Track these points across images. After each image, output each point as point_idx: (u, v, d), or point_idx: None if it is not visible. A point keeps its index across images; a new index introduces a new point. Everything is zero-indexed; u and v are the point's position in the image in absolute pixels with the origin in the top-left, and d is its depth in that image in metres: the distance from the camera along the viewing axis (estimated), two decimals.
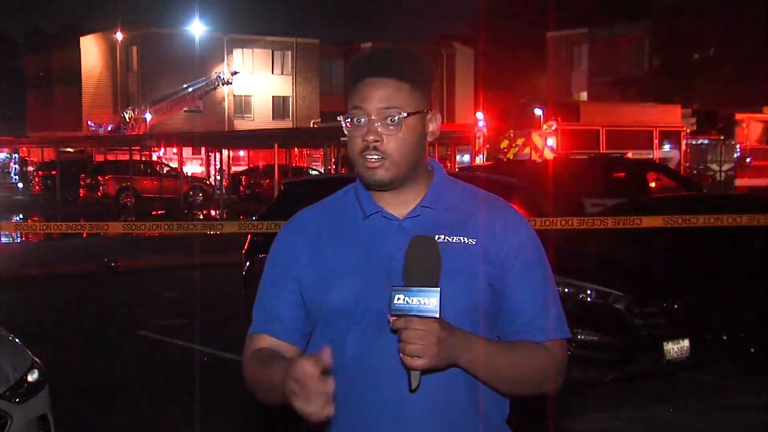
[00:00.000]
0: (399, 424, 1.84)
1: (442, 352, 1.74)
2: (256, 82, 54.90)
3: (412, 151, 1.90)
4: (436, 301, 1.71)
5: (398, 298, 1.72)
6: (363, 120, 1.88)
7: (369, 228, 1.94)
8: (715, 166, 27.33)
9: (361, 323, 1.87)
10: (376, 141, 1.87)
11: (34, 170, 41.32)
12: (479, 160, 21.84)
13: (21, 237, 18.38)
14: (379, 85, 1.88)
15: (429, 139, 1.95)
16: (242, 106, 55.35)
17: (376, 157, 1.87)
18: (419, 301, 1.71)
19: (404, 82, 1.89)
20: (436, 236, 1.84)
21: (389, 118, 1.87)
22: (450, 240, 1.88)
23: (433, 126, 1.96)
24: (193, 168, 42.90)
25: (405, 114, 1.88)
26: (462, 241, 1.90)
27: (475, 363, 1.82)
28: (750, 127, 27.20)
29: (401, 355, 1.73)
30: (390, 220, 1.93)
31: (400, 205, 1.94)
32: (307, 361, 1.66)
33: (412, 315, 1.71)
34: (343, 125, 1.92)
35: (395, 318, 1.73)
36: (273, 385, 1.80)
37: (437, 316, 1.72)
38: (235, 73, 50.61)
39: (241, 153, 45.55)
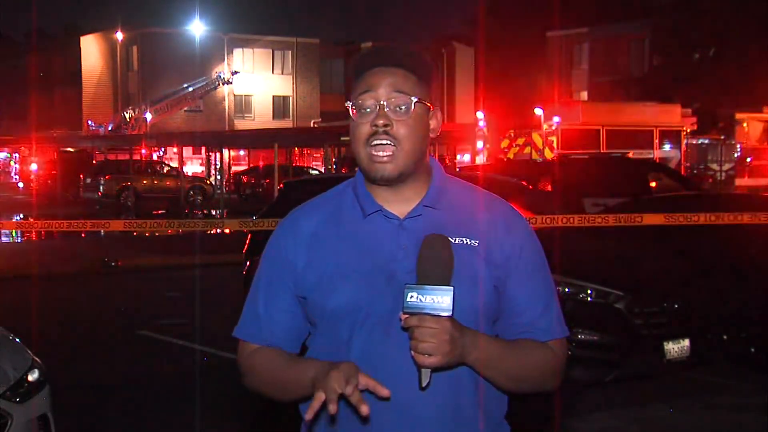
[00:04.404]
0: (406, 425, 1.84)
1: (454, 351, 1.74)
2: (256, 81, 54.91)
3: (419, 142, 1.89)
4: (450, 299, 1.71)
5: (411, 296, 1.71)
6: (369, 108, 1.87)
7: (369, 227, 1.92)
8: (715, 166, 27.35)
9: (366, 325, 1.86)
10: (386, 125, 1.85)
11: (34, 170, 41.31)
12: (479, 159, 21.86)
13: (21, 236, 18.37)
14: (388, 73, 1.89)
15: (432, 135, 1.95)
16: (242, 105, 55.37)
17: (386, 142, 1.85)
18: (432, 299, 1.71)
19: (411, 73, 1.90)
20: None
21: (399, 106, 1.87)
22: (453, 241, 1.86)
23: (434, 123, 1.95)
24: (193, 168, 42.91)
25: (415, 99, 1.88)
26: (465, 242, 1.89)
27: (483, 362, 1.82)
28: (750, 126, 27.21)
29: (412, 352, 1.73)
30: (390, 219, 1.91)
31: (400, 203, 1.92)
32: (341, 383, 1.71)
33: (424, 313, 1.71)
34: (350, 111, 1.90)
35: (407, 316, 1.72)
36: (298, 384, 1.83)
37: (450, 314, 1.71)
38: (236, 72, 50.60)
39: (242, 153, 45.56)
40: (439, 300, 1.71)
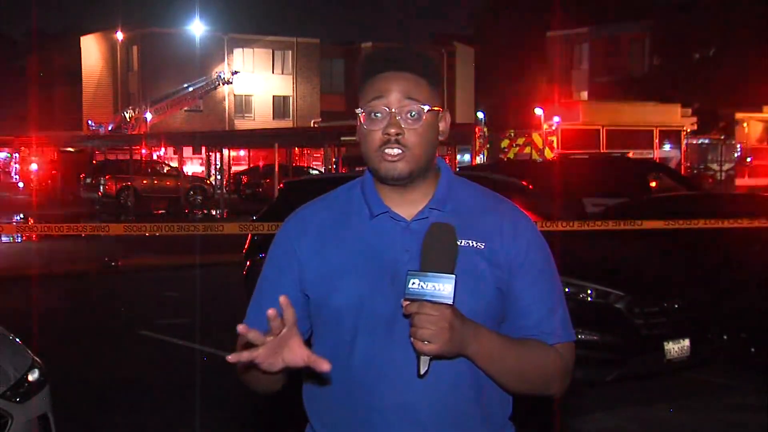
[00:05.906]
0: (406, 427, 1.84)
1: (453, 339, 1.72)
2: (256, 81, 54.91)
3: (430, 147, 1.89)
4: (451, 287, 1.70)
5: (413, 283, 1.71)
6: (381, 114, 1.86)
7: (376, 228, 1.91)
8: (715, 166, 27.38)
9: (368, 325, 1.85)
10: (398, 134, 1.84)
11: (34, 170, 41.31)
12: (480, 159, 21.87)
13: (21, 237, 18.36)
14: (399, 79, 1.87)
15: (440, 138, 1.94)
16: (242, 105, 55.37)
17: (397, 150, 1.84)
18: (434, 286, 1.70)
19: (422, 78, 1.88)
20: None
21: (410, 112, 1.85)
22: (459, 243, 1.84)
23: (443, 125, 1.95)
24: (193, 168, 42.92)
25: (427, 107, 1.86)
26: (470, 244, 1.88)
27: (483, 355, 1.81)
28: (750, 126, 27.22)
29: (412, 339, 1.72)
30: (397, 221, 1.91)
31: (407, 205, 1.92)
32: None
33: (425, 300, 1.70)
34: (360, 119, 1.88)
35: (408, 302, 1.72)
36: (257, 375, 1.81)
37: (451, 302, 1.70)
38: (236, 72, 50.60)
39: (242, 153, 45.57)
40: (440, 287, 1.70)
